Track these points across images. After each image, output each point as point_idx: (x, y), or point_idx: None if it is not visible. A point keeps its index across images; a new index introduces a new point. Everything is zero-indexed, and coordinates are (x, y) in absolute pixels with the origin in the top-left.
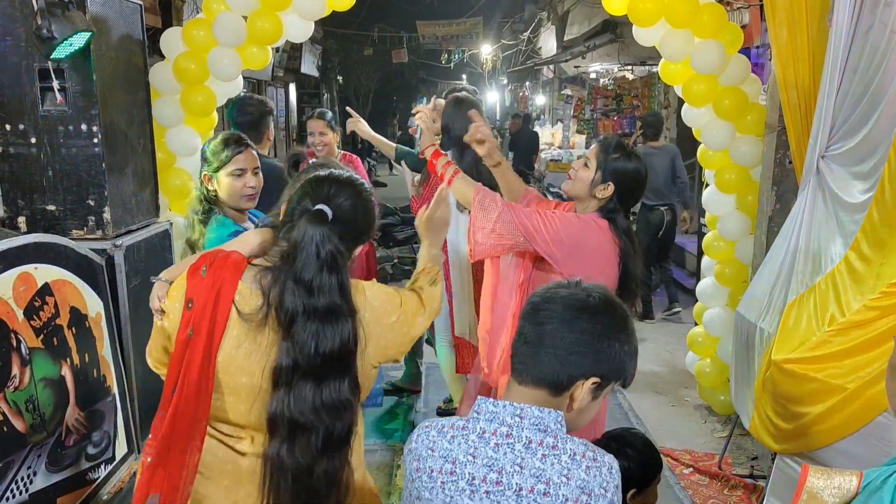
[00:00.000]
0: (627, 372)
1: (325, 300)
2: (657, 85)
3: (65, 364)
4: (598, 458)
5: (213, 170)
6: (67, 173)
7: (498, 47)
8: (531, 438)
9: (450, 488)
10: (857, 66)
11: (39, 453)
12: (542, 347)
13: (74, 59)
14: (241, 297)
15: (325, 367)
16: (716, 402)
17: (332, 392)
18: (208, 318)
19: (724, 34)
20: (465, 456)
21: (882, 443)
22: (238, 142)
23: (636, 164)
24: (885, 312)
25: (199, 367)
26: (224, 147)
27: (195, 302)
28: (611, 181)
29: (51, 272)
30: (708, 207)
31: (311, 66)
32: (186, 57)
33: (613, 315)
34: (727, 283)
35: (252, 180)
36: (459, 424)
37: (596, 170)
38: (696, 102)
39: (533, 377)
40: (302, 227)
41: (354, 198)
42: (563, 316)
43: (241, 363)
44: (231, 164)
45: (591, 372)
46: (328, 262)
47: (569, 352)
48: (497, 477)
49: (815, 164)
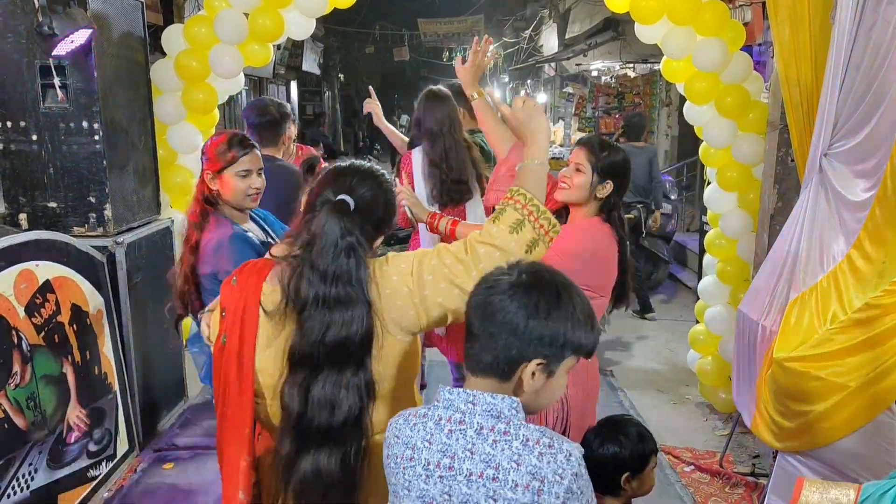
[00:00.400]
0: (578, 343)
1: (337, 289)
2: (659, 82)
3: (66, 361)
4: (555, 445)
5: (217, 169)
6: (69, 170)
7: (499, 45)
8: (483, 424)
9: (409, 473)
10: (860, 63)
11: (40, 450)
12: (481, 336)
13: (76, 56)
14: (265, 297)
15: (324, 356)
16: (717, 401)
17: (326, 384)
18: (238, 323)
19: (726, 32)
20: (423, 442)
21: (884, 440)
22: (243, 142)
23: (623, 155)
24: (888, 310)
25: (235, 373)
26: (230, 147)
27: (227, 310)
28: (608, 179)
29: (52, 269)
30: (710, 205)
31: (313, 64)
32: (188, 54)
33: (543, 291)
34: (729, 281)
35: (257, 181)
36: (421, 412)
37: (591, 172)
38: (697, 100)
39: (480, 367)
40: (322, 217)
41: (375, 188)
42: (495, 302)
43: (275, 364)
44: (238, 165)
45: (530, 354)
46: (346, 251)
47: (501, 338)
48: (450, 462)
49: (818, 162)
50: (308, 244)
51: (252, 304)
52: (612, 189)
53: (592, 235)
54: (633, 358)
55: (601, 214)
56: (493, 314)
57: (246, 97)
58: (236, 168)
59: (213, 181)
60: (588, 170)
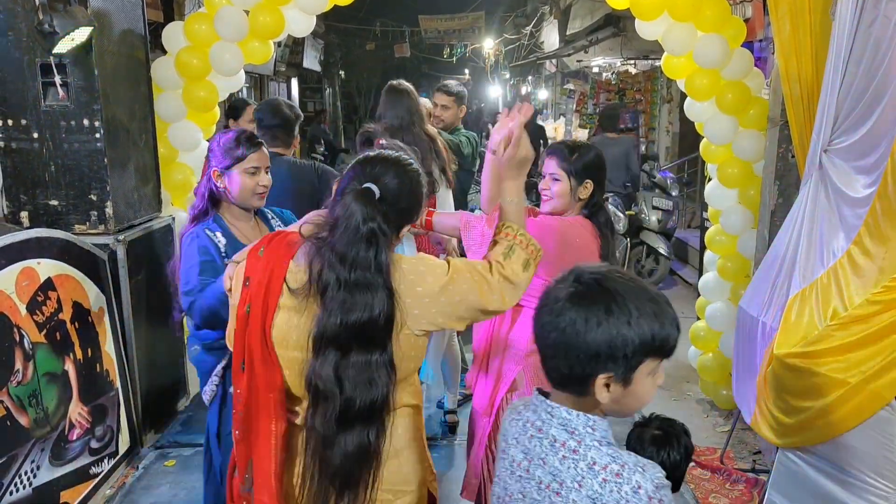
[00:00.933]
0: (649, 346)
1: (357, 273)
2: (660, 79)
3: (68, 359)
4: (624, 475)
5: (225, 166)
6: (69, 168)
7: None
8: (556, 437)
9: (502, 464)
10: (861, 59)
11: (43, 447)
12: (549, 353)
13: (76, 54)
14: (291, 274)
15: (350, 338)
16: (718, 397)
17: (356, 365)
18: (262, 294)
19: (726, 28)
20: (512, 439)
21: (884, 437)
22: (251, 140)
23: (595, 151)
24: (888, 307)
25: (259, 342)
26: (238, 145)
27: (252, 280)
28: (586, 178)
29: (53, 267)
30: (710, 202)
31: (314, 61)
32: (188, 52)
33: (594, 301)
34: (729, 277)
35: (265, 178)
36: (519, 408)
37: (568, 177)
38: (698, 96)
39: (557, 382)
40: (346, 202)
41: (401, 177)
42: (552, 319)
43: (292, 337)
44: (246, 162)
45: (595, 370)
46: (367, 237)
47: (563, 355)
48: (527, 465)
49: (818, 159)
50: (332, 227)
51: (277, 277)
52: (592, 188)
53: (568, 226)
54: None
55: (584, 211)
56: (551, 332)
57: (247, 94)
58: (245, 165)
59: (220, 178)
60: (564, 176)
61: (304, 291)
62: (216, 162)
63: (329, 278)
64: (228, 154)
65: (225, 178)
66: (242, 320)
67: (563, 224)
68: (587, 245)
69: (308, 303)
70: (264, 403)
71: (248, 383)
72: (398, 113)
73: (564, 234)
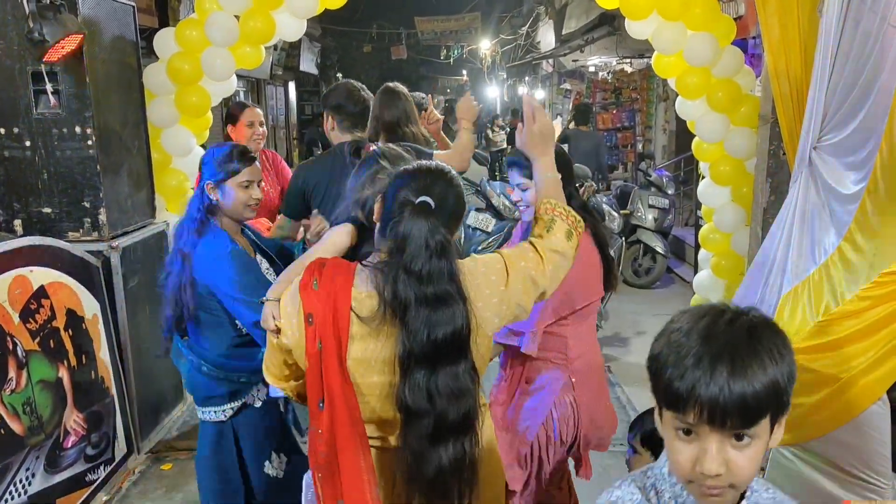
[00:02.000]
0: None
1: (435, 287)
2: (655, 78)
3: (62, 366)
4: None
5: (218, 180)
6: (62, 176)
7: (497, 42)
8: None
9: None
10: (849, 55)
11: (38, 455)
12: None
13: (67, 61)
14: (357, 303)
15: (437, 354)
16: None
17: (446, 378)
18: (331, 328)
19: (716, 26)
20: None
21: (876, 432)
22: (245, 154)
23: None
24: (878, 302)
25: (339, 376)
26: (232, 158)
27: (315, 316)
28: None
29: (47, 275)
30: (703, 200)
31: (310, 64)
32: (180, 57)
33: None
34: (723, 275)
35: (257, 192)
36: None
37: (533, 184)
38: (689, 95)
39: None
40: (408, 221)
41: (448, 185)
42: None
43: (370, 363)
44: (241, 176)
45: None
46: (437, 250)
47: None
48: None
49: (808, 155)
50: (398, 249)
51: (343, 308)
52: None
53: None
54: (631, 353)
55: None
56: None
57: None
58: (239, 179)
59: (213, 191)
60: (530, 184)
61: (377, 317)
62: (210, 175)
63: (408, 298)
64: (222, 168)
65: (218, 191)
66: (315, 358)
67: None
68: (587, 252)
69: (385, 328)
70: (350, 438)
71: (330, 421)
72: (395, 114)
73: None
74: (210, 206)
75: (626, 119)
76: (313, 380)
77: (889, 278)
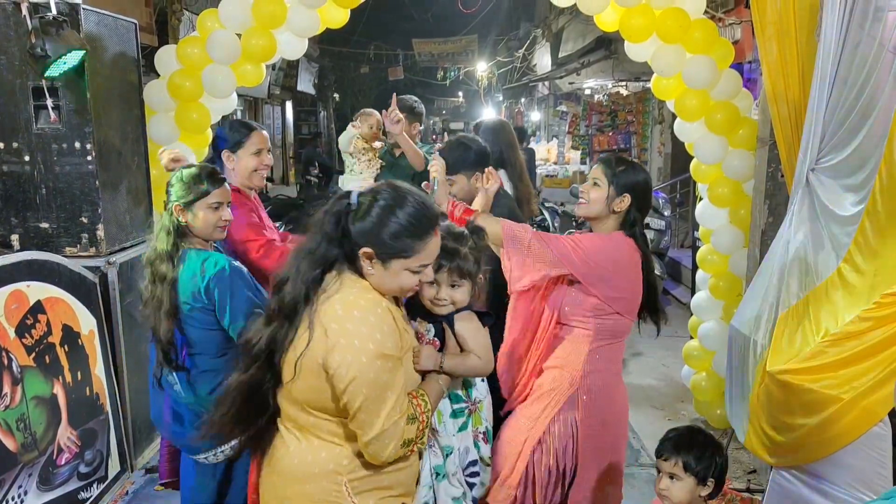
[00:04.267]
0: None
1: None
2: (651, 100)
3: (57, 382)
4: None
5: (187, 202)
6: (61, 191)
7: (493, 64)
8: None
9: None
10: (847, 79)
11: (30, 472)
12: None
13: (68, 77)
14: None
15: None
16: (712, 416)
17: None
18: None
19: (715, 49)
20: None
21: (878, 452)
22: (213, 175)
23: (644, 175)
24: (880, 323)
25: None
26: (200, 180)
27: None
28: (626, 193)
29: (43, 290)
30: (702, 221)
31: (308, 84)
32: (180, 74)
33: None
34: (721, 296)
35: (227, 213)
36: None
37: (608, 185)
38: (688, 117)
39: None
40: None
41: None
42: None
43: None
44: (210, 198)
45: None
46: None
47: None
48: None
49: (805, 177)
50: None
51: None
52: (629, 203)
53: (616, 244)
54: (629, 374)
55: (622, 230)
56: None
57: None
58: (208, 200)
59: (182, 213)
60: (604, 183)
61: None
62: (175, 197)
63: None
64: (191, 190)
65: (188, 213)
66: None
67: (610, 243)
68: (632, 263)
69: None
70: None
71: None
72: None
73: (613, 253)
74: (179, 229)
75: (622, 141)
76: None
77: (891, 299)
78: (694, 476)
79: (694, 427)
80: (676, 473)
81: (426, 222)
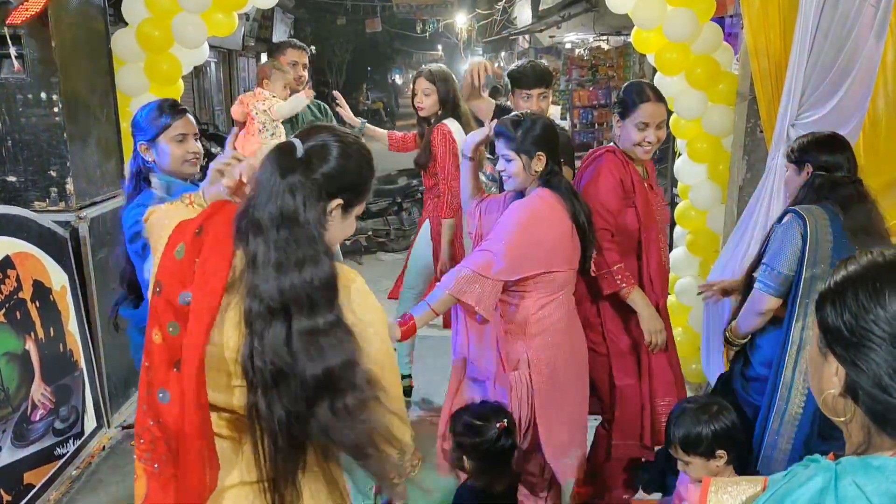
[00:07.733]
0: None
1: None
2: (632, 55)
3: (29, 338)
4: None
5: (150, 139)
6: (27, 143)
7: (473, 17)
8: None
9: None
10: (828, 33)
11: (4, 428)
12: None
13: (32, 25)
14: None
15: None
16: (688, 371)
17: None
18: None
19: (696, 2)
20: None
21: None
22: (175, 107)
23: (540, 122)
24: None
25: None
26: (161, 113)
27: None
28: (538, 152)
29: (12, 245)
30: (680, 177)
31: (284, 35)
32: (149, 23)
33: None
34: (699, 252)
35: (193, 145)
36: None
37: (518, 156)
38: (668, 71)
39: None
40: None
41: (336, 144)
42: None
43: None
44: (172, 130)
45: None
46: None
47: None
48: None
49: (785, 133)
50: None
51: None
52: (546, 158)
53: (531, 215)
54: None
55: (545, 185)
56: None
57: (215, 70)
58: (171, 133)
59: (147, 152)
60: (514, 156)
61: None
62: (141, 135)
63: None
64: (153, 124)
65: (153, 150)
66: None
67: (526, 219)
68: (558, 219)
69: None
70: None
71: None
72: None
73: (532, 228)
74: (144, 170)
75: (602, 97)
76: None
77: None
78: (699, 455)
79: (681, 407)
80: (682, 458)
81: (370, 155)
